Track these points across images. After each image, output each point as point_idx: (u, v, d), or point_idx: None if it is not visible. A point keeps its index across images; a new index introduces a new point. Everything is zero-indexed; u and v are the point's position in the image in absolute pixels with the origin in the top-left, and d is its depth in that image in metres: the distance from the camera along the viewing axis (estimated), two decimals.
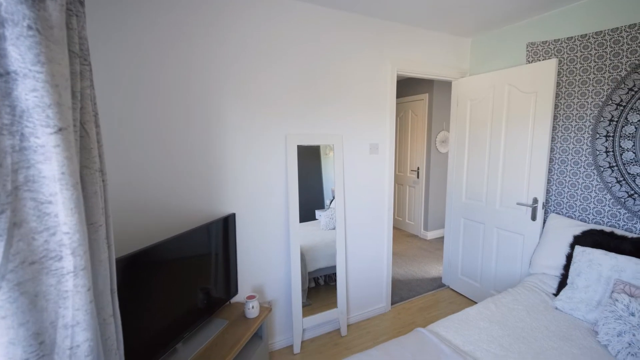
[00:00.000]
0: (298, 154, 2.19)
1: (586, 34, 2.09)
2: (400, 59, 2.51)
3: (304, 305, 2.43)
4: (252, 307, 1.84)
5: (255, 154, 2.04)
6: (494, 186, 2.60)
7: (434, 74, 2.73)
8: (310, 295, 2.51)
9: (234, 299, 2.01)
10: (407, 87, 4.65)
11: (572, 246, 1.96)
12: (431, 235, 4.56)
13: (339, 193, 2.34)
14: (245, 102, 1.96)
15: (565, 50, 2.21)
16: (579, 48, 2.14)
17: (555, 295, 1.89)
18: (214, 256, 1.81)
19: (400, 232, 4.87)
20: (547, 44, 2.30)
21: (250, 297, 1.87)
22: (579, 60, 2.14)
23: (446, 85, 4.11)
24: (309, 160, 2.38)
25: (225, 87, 1.89)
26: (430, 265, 3.63)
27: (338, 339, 2.37)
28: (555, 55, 2.26)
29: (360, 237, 2.53)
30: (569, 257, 1.95)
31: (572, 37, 2.17)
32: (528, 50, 2.41)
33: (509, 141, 2.46)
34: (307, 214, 2.48)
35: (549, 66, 2.18)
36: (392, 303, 2.85)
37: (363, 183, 2.48)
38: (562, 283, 1.91)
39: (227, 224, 1.90)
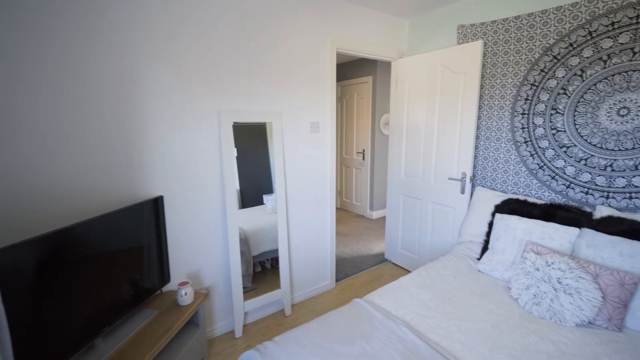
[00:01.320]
0: (241, 134, 2.08)
1: (507, 18, 2.24)
2: (340, 36, 2.48)
3: (249, 290, 2.37)
4: (185, 294, 1.73)
5: (185, 130, 1.88)
6: (428, 163, 2.73)
7: (374, 53, 2.74)
8: (256, 279, 2.45)
9: (167, 287, 1.87)
10: (352, 69, 4.67)
11: (493, 214, 2.15)
12: (376, 214, 4.73)
13: (279, 172, 2.27)
14: (172, 72, 1.78)
15: (490, 33, 2.35)
16: (501, 31, 2.29)
17: (479, 259, 2.06)
18: (139, 243, 1.65)
19: (347, 214, 4.99)
20: (475, 26, 2.43)
21: (183, 284, 1.75)
22: (501, 42, 2.30)
23: (389, 68, 4.20)
24: (255, 141, 2.28)
25: (149, 55, 1.69)
26: (374, 243, 3.77)
27: (282, 319, 2.35)
28: (481, 37, 2.39)
29: (303, 218, 2.51)
30: (491, 225, 2.13)
31: (495, 21, 2.31)
32: (459, 33, 2.53)
33: (442, 120, 2.59)
34: (254, 198, 2.39)
35: (476, 47, 2.30)
36: (337, 280, 2.91)
37: (305, 162, 2.45)
38: (485, 248, 2.09)
39: (155, 207, 1.74)
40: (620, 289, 1.43)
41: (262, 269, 2.58)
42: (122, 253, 1.55)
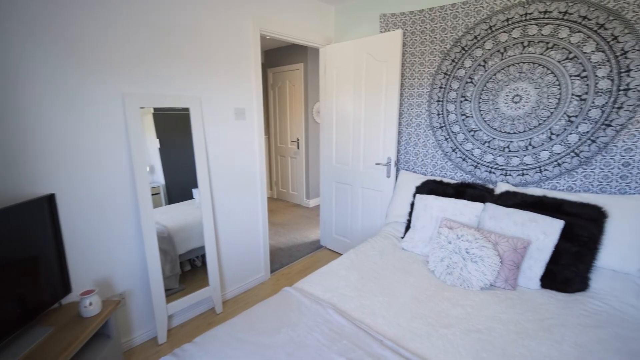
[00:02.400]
0: (164, 123, 1.88)
1: (423, 9, 2.37)
2: (264, 18, 2.36)
3: (176, 291, 2.20)
4: (90, 304, 1.51)
5: (82, 117, 1.61)
6: (357, 150, 2.81)
7: (302, 38, 2.69)
8: (185, 279, 2.28)
9: (67, 299, 1.62)
10: (283, 55, 4.57)
11: (414, 195, 2.29)
12: (313, 202, 4.78)
13: (201, 162, 2.11)
14: (62, 49, 1.50)
15: (408, 23, 2.46)
16: (418, 22, 2.41)
17: (403, 238, 2.19)
18: (25, 251, 1.38)
19: (284, 204, 4.94)
20: (396, 16, 2.52)
21: (86, 293, 1.53)
22: (418, 33, 2.42)
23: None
24: (180, 131, 2.07)
25: (24, 27, 1.39)
26: (310, 231, 3.80)
27: (213, 318, 2.23)
28: (401, 27, 2.50)
29: (232, 210, 2.39)
30: (412, 205, 2.27)
31: (413, 12, 2.42)
32: (381, 21, 2.61)
33: (368, 107, 2.67)
34: (183, 193, 2.20)
35: (396, 36, 2.40)
36: (273, 271, 2.86)
37: (231, 150, 2.32)
38: (408, 227, 2.22)
39: (49, 208, 1.47)
40: (514, 254, 1.63)
41: (191, 267, 2.41)
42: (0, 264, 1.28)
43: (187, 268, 2.38)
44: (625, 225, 1.64)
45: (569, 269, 1.61)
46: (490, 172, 2.24)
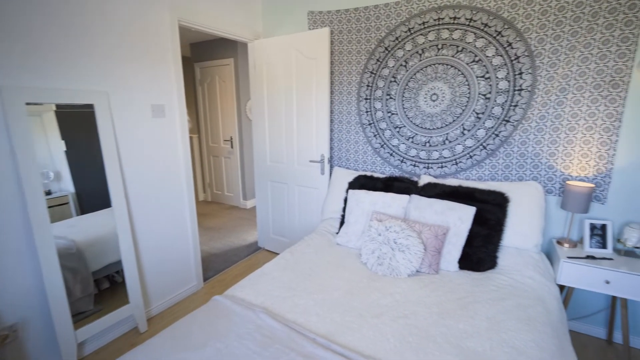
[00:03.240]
0: (71, 123, 1.61)
1: (349, 9, 2.42)
2: (184, 8, 2.18)
3: (90, 313, 1.92)
4: None
5: None
6: (291, 147, 2.78)
7: (228, 32, 2.55)
8: (102, 298, 2.00)
9: None
10: (211, 49, 4.32)
11: (347, 191, 2.34)
12: (251, 203, 4.63)
13: (111, 165, 1.87)
14: None
15: (335, 21, 2.50)
16: (344, 21, 2.46)
17: (338, 233, 2.23)
18: None
19: (220, 206, 4.70)
20: (323, 14, 2.54)
21: None
22: (345, 32, 2.47)
23: None
24: (89, 132, 1.79)
25: None
26: (248, 233, 3.67)
27: (136, 338, 2.01)
28: (328, 25, 2.52)
29: (155, 217, 2.17)
30: (346, 200, 2.32)
31: (339, 10, 2.46)
32: (309, 18, 2.60)
33: (300, 104, 2.65)
34: (100, 201, 1.91)
35: (323, 34, 2.42)
36: (206, 279, 2.69)
37: (150, 151, 2.10)
38: (342, 222, 2.27)
39: None
40: (435, 240, 1.76)
41: (110, 285, 2.13)
42: None
43: (104, 286, 2.10)
44: (523, 208, 1.89)
45: (481, 250, 1.79)
46: (414, 165, 2.40)
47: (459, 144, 2.21)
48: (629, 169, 1.80)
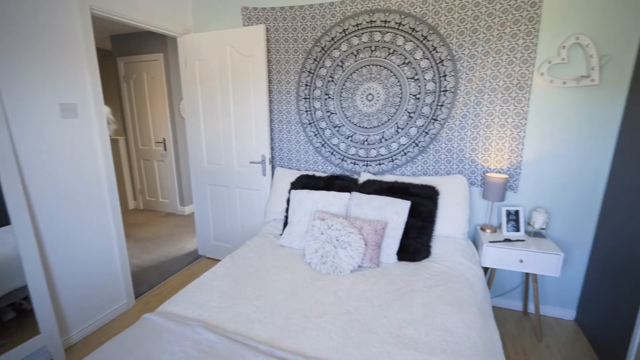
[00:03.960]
0: None
1: (284, 7, 2.39)
2: None
3: None
4: None
5: None
6: (230, 149, 2.66)
7: (152, 24, 2.34)
8: (6, 331, 1.69)
9: None
10: (136, 43, 3.94)
11: (290, 191, 2.32)
12: (189, 209, 4.34)
13: (7, 174, 1.58)
14: None
15: (271, 19, 2.45)
16: (280, 19, 2.42)
17: (282, 235, 2.19)
18: None
19: (154, 214, 4.33)
20: (258, 10, 2.47)
21: None
22: (281, 30, 2.44)
23: None
24: None
25: None
26: (187, 241, 3.43)
27: None
28: (264, 22, 2.46)
29: (71, 232, 1.90)
30: (288, 201, 2.29)
31: (274, 8, 2.42)
32: (243, 14, 2.51)
33: (237, 103, 2.55)
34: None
35: (259, 31, 2.35)
36: (139, 295, 2.44)
37: (60, 157, 1.83)
38: (286, 223, 2.23)
39: None
40: (375, 235, 1.82)
41: (17, 314, 1.81)
42: None
43: (9, 316, 1.79)
44: (450, 199, 2.05)
45: (416, 241, 1.90)
46: (354, 163, 2.46)
47: (394, 142, 2.32)
48: (535, 161, 2.07)
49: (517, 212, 2.08)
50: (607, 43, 1.80)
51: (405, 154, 2.31)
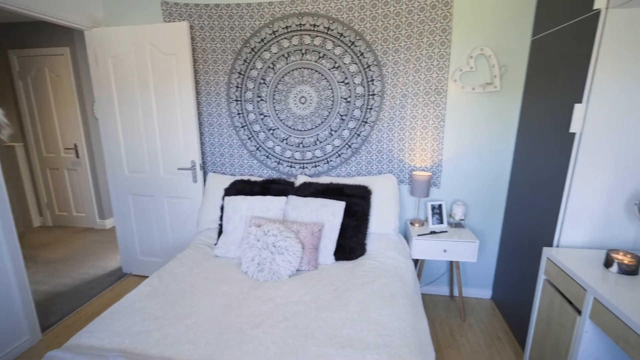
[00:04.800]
0: None
1: (209, 4, 2.27)
2: None
3: None
4: None
5: None
6: (154, 154, 2.44)
7: (49, 13, 2.03)
8: None
9: None
10: (34, 34, 3.40)
11: (224, 198, 2.21)
12: (110, 223, 3.89)
13: None
14: None
15: (195, 16, 2.30)
16: (205, 16, 2.29)
17: (216, 244, 2.07)
18: None
19: (67, 231, 3.78)
20: (180, 6, 2.30)
21: None
22: (207, 28, 2.31)
23: None
24: None
25: None
26: (108, 258, 3.06)
27: None
28: (187, 19, 2.31)
29: None
30: (223, 208, 2.18)
31: (199, 5, 2.28)
32: (163, 9, 2.32)
33: (160, 105, 2.35)
34: None
35: (182, 29, 2.20)
36: (47, 327, 2.10)
37: None
38: (220, 232, 2.12)
39: None
40: (312, 237, 1.83)
41: None
42: None
43: None
44: (381, 197, 2.16)
45: (352, 240, 1.95)
46: (291, 166, 2.45)
47: (329, 144, 2.37)
48: (453, 158, 2.28)
49: (440, 206, 2.27)
50: (505, 55, 2.06)
51: (339, 155, 2.37)
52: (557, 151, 1.62)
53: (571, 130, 1.49)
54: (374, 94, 2.24)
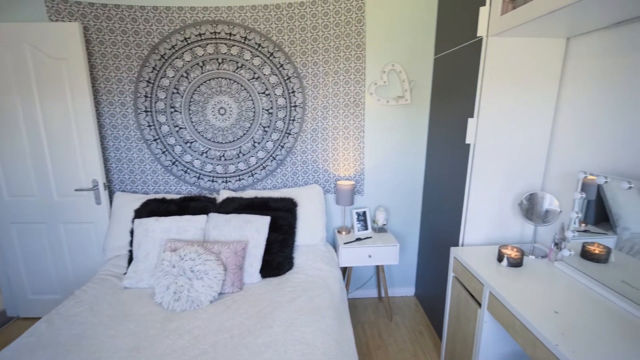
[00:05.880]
0: None
1: (107, 5, 2.03)
2: None
3: None
4: None
5: None
6: (43, 174, 2.08)
7: None
8: None
9: None
10: None
11: (134, 220, 1.98)
12: None
13: None
14: None
15: (90, 16, 2.03)
16: (103, 17, 2.04)
17: (126, 274, 1.84)
18: None
19: None
20: (70, 4, 2.01)
21: None
22: (106, 31, 2.06)
23: None
24: None
25: None
26: None
27: None
28: (81, 19, 2.03)
29: None
30: (132, 232, 1.95)
31: (94, 4, 2.02)
32: (48, 6, 2.00)
33: (50, 117, 2.02)
34: None
35: (73, 30, 1.92)
36: None
37: None
38: (131, 259, 1.89)
39: None
40: (235, 257, 1.74)
41: None
42: None
43: None
44: (308, 208, 2.16)
45: (279, 255, 1.91)
46: (212, 181, 2.31)
47: (252, 156, 2.29)
48: (374, 167, 2.39)
49: (364, 213, 2.36)
50: (413, 71, 2.24)
51: (264, 167, 2.32)
52: (458, 160, 1.81)
53: (467, 141, 1.67)
54: (296, 106, 2.24)
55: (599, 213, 1.27)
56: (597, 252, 1.33)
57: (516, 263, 1.49)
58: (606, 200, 1.23)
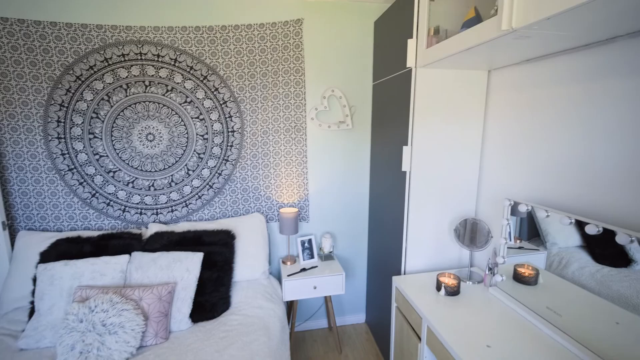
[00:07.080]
0: None
1: (8, 19, 1.78)
2: None
3: None
4: None
5: None
6: None
7: None
8: None
9: None
10: None
11: (37, 266, 1.69)
12: None
13: None
14: None
15: None
16: (3, 33, 1.79)
17: (23, 332, 1.54)
18: None
19: None
20: None
21: None
22: (7, 48, 1.80)
23: None
24: None
25: None
26: None
27: None
28: None
29: None
30: (36, 280, 1.66)
31: None
32: None
33: None
34: None
35: None
36: None
37: None
38: (32, 312, 1.60)
39: None
40: (160, 303, 1.54)
41: None
42: None
43: None
44: (248, 240, 2.02)
45: (213, 295, 1.74)
46: (140, 213, 2.09)
47: (186, 185, 2.12)
48: (318, 192, 2.33)
49: (310, 241, 2.27)
50: (353, 96, 2.25)
51: (200, 197, 2.15)
52: (397, 186, 1.80)
53: (402, 169, 1.68)
54: (233, 131, 2.12)
55: (531, 229, 1.31)
56: (526, 274, 1.37)
57: (453, 292, 1.48)
58: (536, 218, 1.27)
